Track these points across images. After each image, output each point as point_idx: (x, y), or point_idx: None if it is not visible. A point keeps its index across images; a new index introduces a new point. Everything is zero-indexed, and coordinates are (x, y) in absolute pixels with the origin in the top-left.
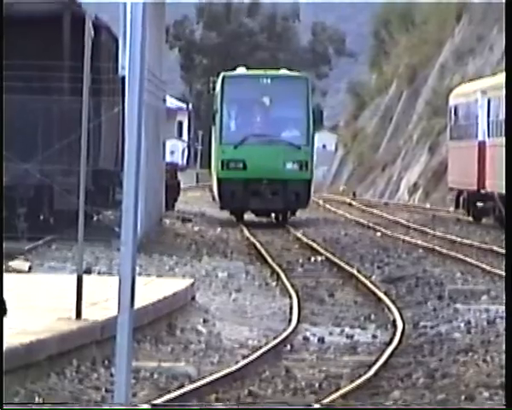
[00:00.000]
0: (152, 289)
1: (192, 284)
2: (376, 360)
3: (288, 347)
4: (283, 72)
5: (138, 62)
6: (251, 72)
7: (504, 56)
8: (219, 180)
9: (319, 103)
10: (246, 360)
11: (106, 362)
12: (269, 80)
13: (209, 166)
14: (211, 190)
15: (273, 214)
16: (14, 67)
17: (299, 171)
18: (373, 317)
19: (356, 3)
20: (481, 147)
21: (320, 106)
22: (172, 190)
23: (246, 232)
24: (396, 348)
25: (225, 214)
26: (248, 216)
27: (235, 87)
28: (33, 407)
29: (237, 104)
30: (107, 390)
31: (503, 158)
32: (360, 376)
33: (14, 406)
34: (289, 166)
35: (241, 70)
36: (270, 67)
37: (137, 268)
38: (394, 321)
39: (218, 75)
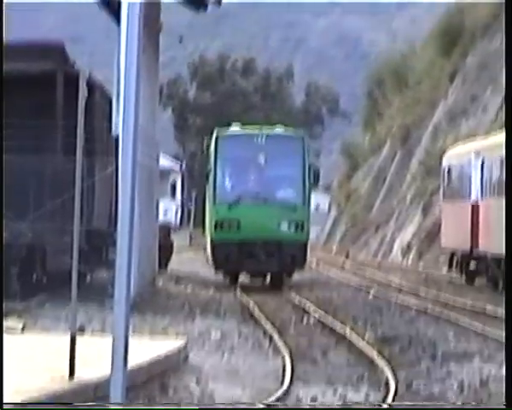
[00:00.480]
0: (145, 348)
1: (185, 344)
2: None
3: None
4: (279, 129)
5: (132, 122)
6: (245, 129)
7: (504, 54)
8: (213, 241)
9: (315, 162)
10: None
11: None
12: (264, 138)
13: (203, 227)
14: (205, 250)
15: (268, 277)
16: (8, 126)
17: (294, 232)
18: (366, 377)
19: (350, 64)
20: (474, 207)
21: (316, 165)
22: (166, 250)
23: (239, 292)
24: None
25: (219, 275)
26: (243, 279)
27: (229, 145)
28: (33, 407)
29: (231, 163)
30: None
31: (497, 219)
32: None
33: (14, 406)
34: (284, 226)
35: (235, 127)
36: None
37: (130, 328)
38: (387, 381)
39: (211, 134)
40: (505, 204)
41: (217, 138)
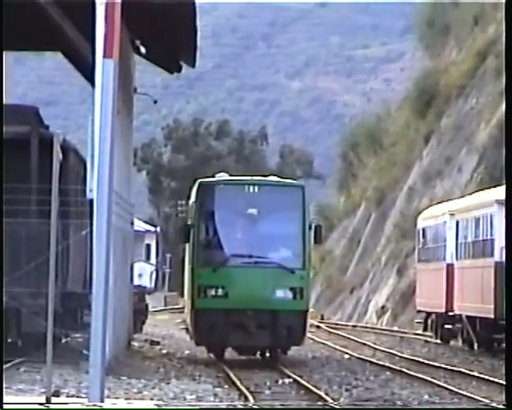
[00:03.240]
0: None
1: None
2: None
3: None
4: (273, 178)
5: (106, 185)
6: (233, 178)
7: (504, 58)
8: (195, 311)
9: (316, 218)
10: None
11: None
12: (256, 188)
13: (182, 292)
14: (185, 322)
15: (259, 353)
16: None
17: (292, 300)
18: None
19: (324, 125)
20: (449, 269)
21: (317, 221)
22: (140, 313)
23: (213, 356)
24: None
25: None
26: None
27: (215, 196)
28: (33, 407)
29: (217, 217)
30: None
31: (472, 280)
32: None
33: (14, 406)
34: (280, 293)
35: (221, 176)
36: None
37: (106, 391)
38: None
39: (187, 198)
40: (505, 213)
41: (199, 188)
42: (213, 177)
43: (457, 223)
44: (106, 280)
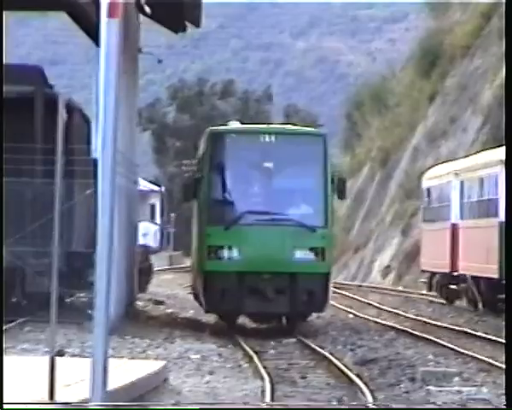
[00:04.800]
0: (124, 371)
1: (164, 367)
2: None
3: None
4: (291, 126)
5: (110, 145)
6: (247, 126)
7: (504, 58)
8: (204, 274)
9: (339, 169)
10: None
11: None
12: (272, 138)
13: (187, 253)
14: (193, 289)
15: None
16: None
17: (313, 261)
18: (345, 399)
19: (329, 86)
20: (454, 229)
21: (341, 172)
22: (145, 273)
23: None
24: None
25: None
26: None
27: (227, 146)
28: (33, 407)
29: (229, 170)
30: None
31: (476, 240)
32: None
33: (14, 406)
34: (300, 254)
35: (234, 124)
36: None
37: (110, 350)
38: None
39: (194, 149)
40: (505, 212)
41: (210, 137)
42: (225, 125)
43: (462, 183)
44: (110, 240)
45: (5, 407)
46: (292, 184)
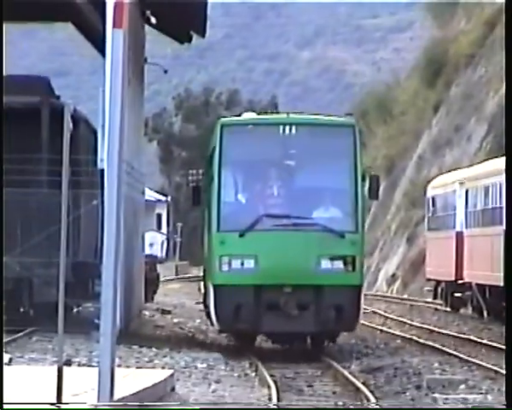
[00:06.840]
0: (131, 380)
1: (171, 376)
2: None
3: None
4: (315, 116)
5: (117, 155)
6: (264, 117)
7: (504, 57)
8: (216, 288)
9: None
10: None
11: None
12: (293, 129)
13: (194, 263)
14: (204, 305)
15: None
16: None
17: (342, 272)
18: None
19: (335, 95)
20: (459, 237)
21: (373, 170)
22: (152, 283)
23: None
24: None
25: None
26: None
27: (241, 141)
28: (33, 407)
29: (243, 168)
30: None
31: (481, 248)
32: None
33: (14, 406)
34: (327, 264)
35: (248, 115)
36: None
37: (117, 360)
38: None
39: (198, 168)
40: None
41: (221, 130)
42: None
43: (467, 191)
44: (116, 250)
45: (5, 406)
46: (317, 182)
